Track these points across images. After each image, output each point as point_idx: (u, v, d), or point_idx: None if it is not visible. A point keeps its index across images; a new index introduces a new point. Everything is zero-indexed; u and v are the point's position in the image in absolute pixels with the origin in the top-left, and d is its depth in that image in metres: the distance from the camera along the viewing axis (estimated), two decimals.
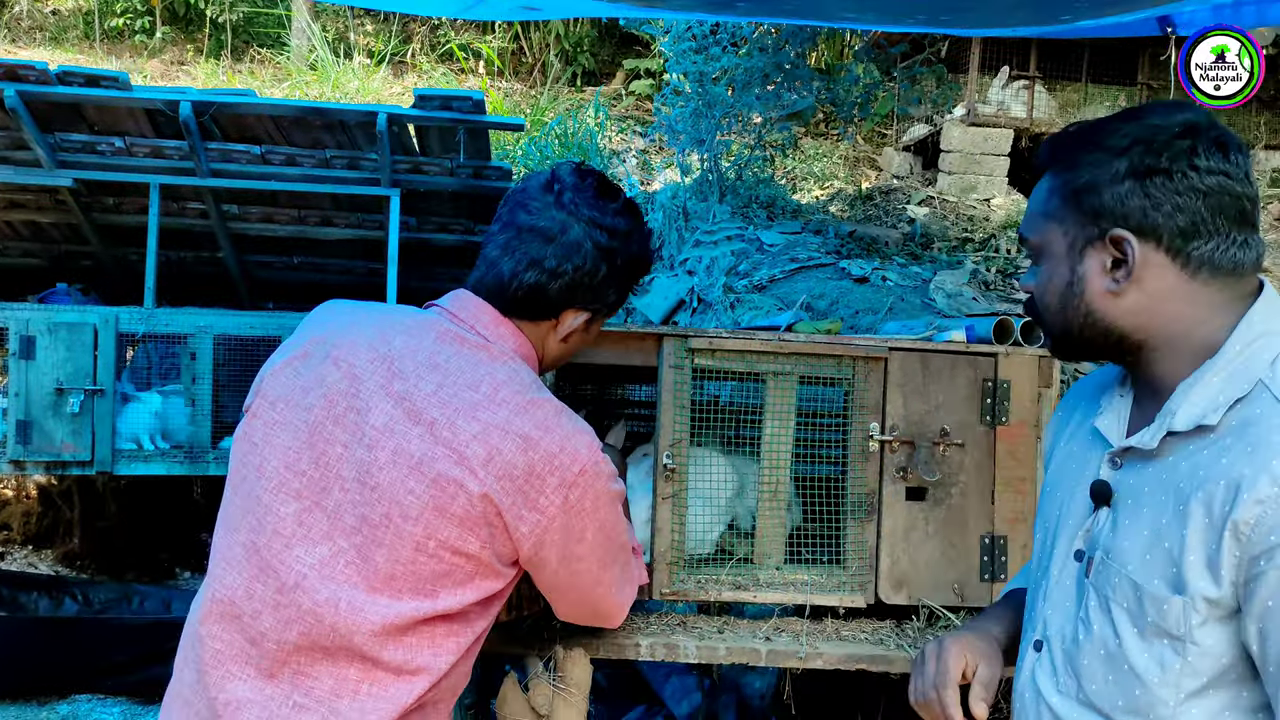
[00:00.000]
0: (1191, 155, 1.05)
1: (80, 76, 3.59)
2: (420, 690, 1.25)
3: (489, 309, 1.38)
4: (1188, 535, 1.02)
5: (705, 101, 4.59)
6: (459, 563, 1.25)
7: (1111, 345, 1.14)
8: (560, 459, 1.28)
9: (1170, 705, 1.03)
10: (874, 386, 1.97)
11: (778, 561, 1.97)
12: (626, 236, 1.42)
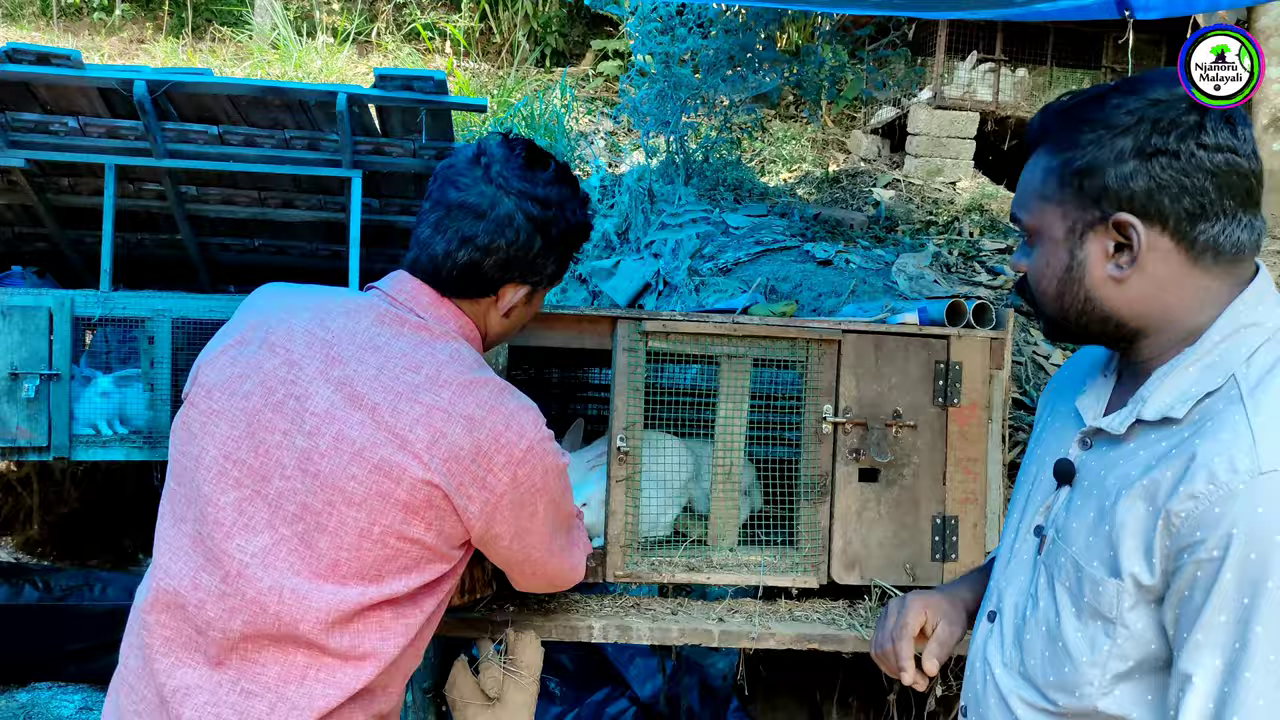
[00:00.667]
0: (1199, 132, 1.00)
1: (31, 54, 3.51)
2: (369, 675, 1.25)
3: (427, 289, 1.36)
4: (1129, 521, 1.01)
5: (670, 83, 4.57)
6: (405, 548, 1.25)
7: (1109, 332, 1.10)
8: (506, 437, 1.27)
9: (1095, 685, 1.03)
10: (827, 369, 1.98)
11: (731, 543, 1.98)
12: (560, 206, 1.39)
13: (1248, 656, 0.90)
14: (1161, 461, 1.01)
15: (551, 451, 1.35)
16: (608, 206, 5.22)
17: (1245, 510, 0.91)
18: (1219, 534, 0.92)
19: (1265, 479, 0.91)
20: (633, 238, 4.78)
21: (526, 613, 1.83)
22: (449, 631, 1.78)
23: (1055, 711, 1.08)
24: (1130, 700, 1.03)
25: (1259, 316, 1.02)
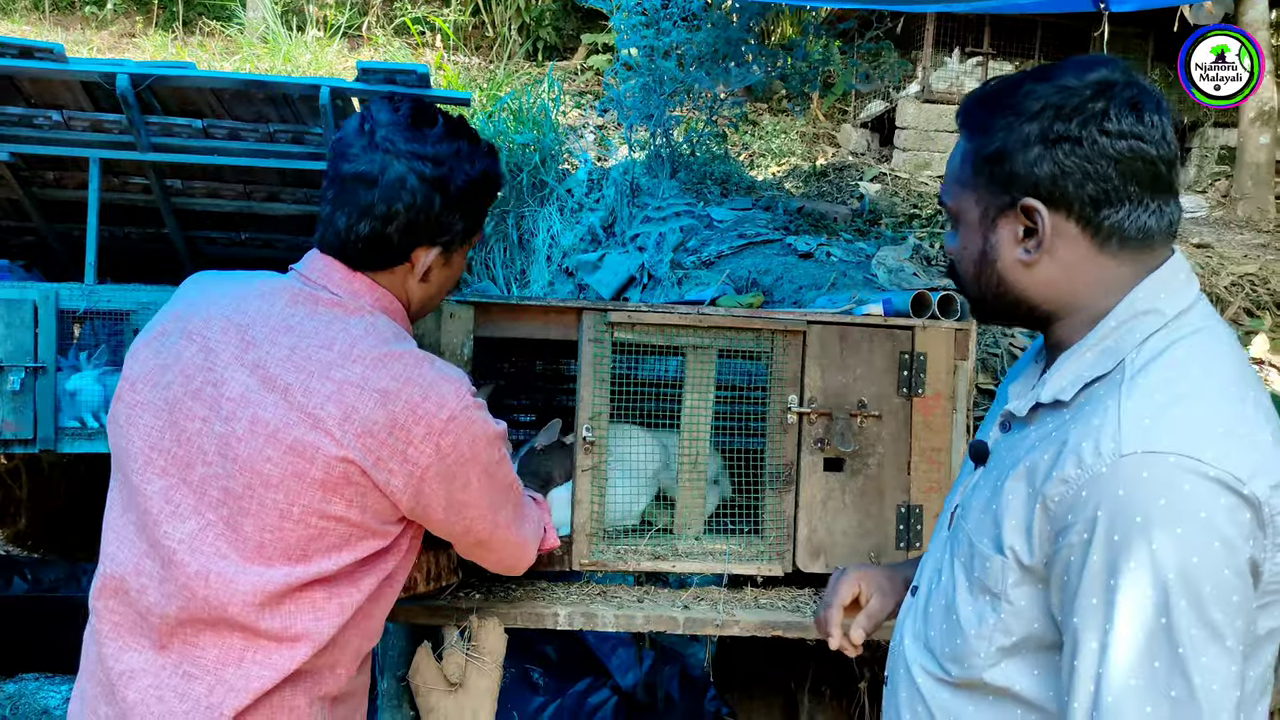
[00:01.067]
0: (1103, 119, 1.01)
1: (14, 48, 3.52)
2: (303, 655, 1.26)
3: (338, 265, 1.34)
4: (1011, 501, 1.04)
5: (655, 77, 4.58)
6: (329, 526, 1.25)
7: (1023, 314, 1.12)
8: (424, 407, 1.26)
9: (982, 658, 1.06)
10: (792, 359, 2.00)
11: (697, 532, 2.00)
12: (455, 161, 1.34)
13: (1116, 637, 0.92)
14: (1042, 444, 1.03)
15: (479, 419, 1.32)
16: (594, 200, 5.23)
17: (1108, 492, 0.93)
18: (1086, 516, 0.94)
19: (1126, 461, 0.93)
20: (619, 230, 4.79)
21: (492, 600, 1.85)
22: (415, 619, 1.81)
23: (949, 681, 1.11)
24: (1015, 673, 1.05)
25: (1158, 304, 1.03)
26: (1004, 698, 1.07)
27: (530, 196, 5.45)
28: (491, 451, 1.36)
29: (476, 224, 1.43)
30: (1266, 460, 0.94)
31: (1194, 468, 0.91)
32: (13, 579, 4.76)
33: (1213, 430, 0.94)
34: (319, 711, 1.30)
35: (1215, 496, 0.91)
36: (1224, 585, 0.91)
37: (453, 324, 1.77)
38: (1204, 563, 0.90)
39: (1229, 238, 5.47)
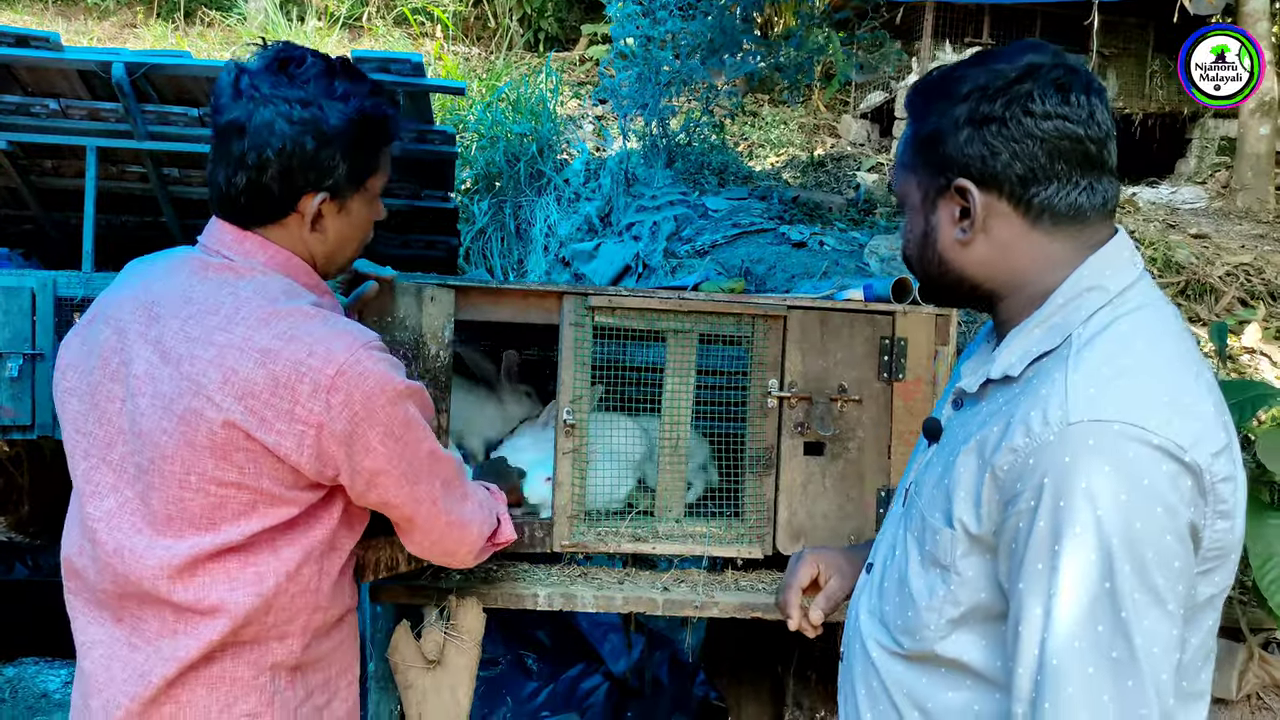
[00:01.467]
0: (1028, 100, 1.04)
1: (10, 36, 3.54)
2: (224, 626, 1.26)
3: (228, 228, 1.33)
4: (962, 474, 1.06)
5: (650, 66, 4.59)
6: (229, 494, 1.25)
7: (966, 293, 1.15)
8: (309, 364, 1.23)
9: (932, 629, 1.09)
10: (773, 344, 2.01)
11: (678, 515, 2.02)
12: (326, 100, 1.29)
13: (1060, 601, 0.94)
14: (993, 418, 1.06)
15: (374, 373, 1.26)
16: (591, 190, 5.24)
17: (1054, 460, 0.95)
18: (1033, 484, 0.97)
19: (1072, 429, 0.95)
20: (614, 220, 4.81)
21: (472, 581, 1.87)
22: (397, 599, 1.83)
23: (902, 654, 1.13)
24: (965, 645, 1.07)
25: (1104, 280, 1.05)
26: (955, 669, 1.09)
27: (528, 186, 5.47)
28: (394, 410, 1.29)
29: (367, 167, 1.36)
30: (1207, 429, 0.97)
31: (1138, 435, 0.93)
32: (14, 564, 4.80)
33: (1156, 400, 0.96)
34: (269, 682, 1.31)
35: (1158, 463, 0.93)
36: (1166, 550, 0.93)
37: (433, 307, 1.79)
38: (1146, 528, 0.92)
39: (1227, 228, 5.46)
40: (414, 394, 1.34)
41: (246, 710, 1.30)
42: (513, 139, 5.56)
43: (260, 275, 1.31)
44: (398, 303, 1.75)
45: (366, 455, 1.28)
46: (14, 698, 3.89)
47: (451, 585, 1.83)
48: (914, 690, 1.12)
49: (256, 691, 1.30)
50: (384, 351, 1.32)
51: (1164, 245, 4.14)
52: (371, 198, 1.41)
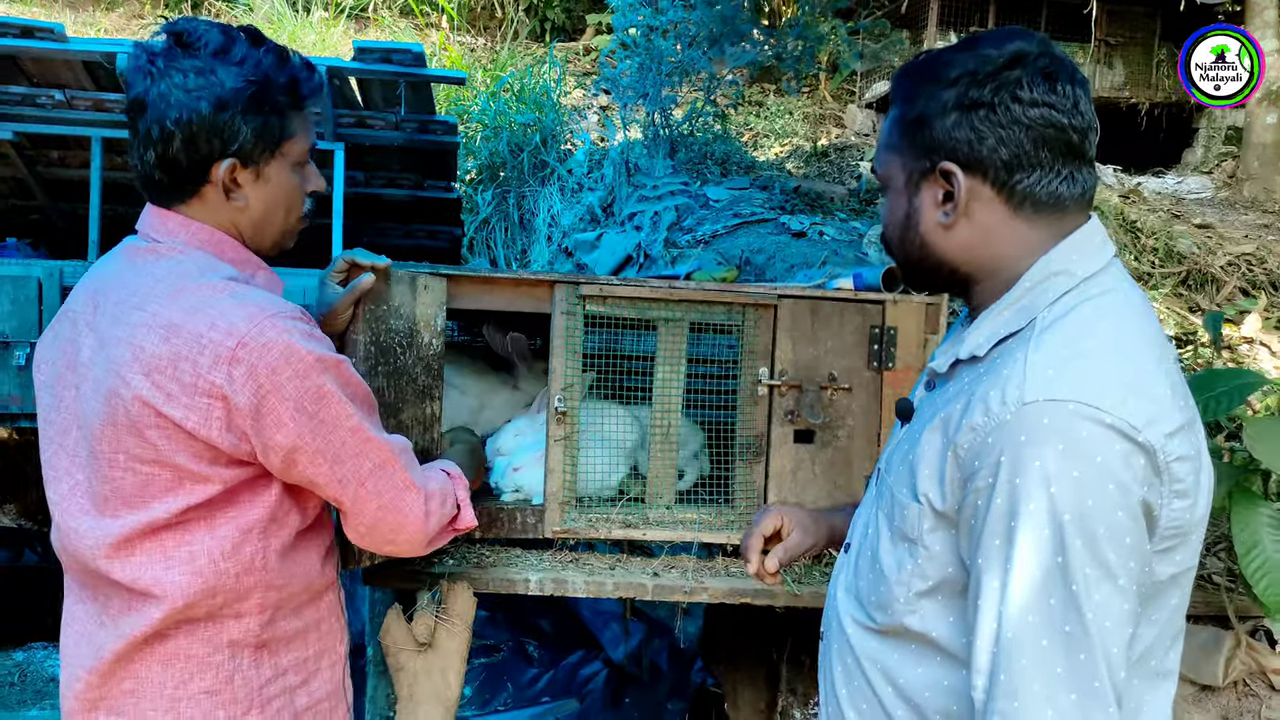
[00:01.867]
0: (1016, 87, 1.05)
1: (15, 28, 3.57)
2: (166, 607, 1.27)
3: (154, 210, 1.36)
4: (927, 451, 1.08)
5: (651, 56, 4.59)
6: (153, 471, 1.26)
7: (945, 277, 1.16)
8: (210, 336, 1.23)
9: (902, 603, 1.11)
10: (764, 333, 2.03)
11: (668, 501, 2.04)
12: (220, 64, 1.29)
13: (1015, 576, 0.96)
14: (957, 396, 1.08)
15: (279, 344, 1.25)
16: (594, 180, 5.25)
17: (1011, 439, 0.97)
18: (990, 462, 0.99)
19: (1028, 409, 0.97)
20: (616, 211, 4.82)
21: (465, 566, 1.90)
22: (388, 584, 1.85)
23: (875, 629, 1.16)
24: (933, 619, 1.09)
25: (1070, 266, 1.07)
26: (923, 644, 1.11)
27: (531, 177, 5.48)
28: (303, 383, 1.27)
29: (277, 131, 1.35)
30: (1163, 411, 0.98)
31: (1091, 415, 0.95)
32: (23, 551, 4.86)
33: (1111, 381, 0.98)
34: (226, 660, 1.32)
35: (1111, 442, 0.95)
36: (1117, 527, 0.95)
37: (426, 295, 1.80)
38: (1098, 505, 0.94)
39: (1233, 218, 5.44)
40: (329, 366, 1.31)
41: (203, 687, 1.31)
42: (517, 129, 5.57)
43: (179, 254, 1.33)
44: (392, 291, 1.77)
45: (277, 430, 1.27)
46: (22, 681, 3.95)
47: (444, 570, 1.86)
48: (886, 665, 1.14)
49: (213, 669, 1.31)
50: (299, 322, 1.30)
51: (1165, 235, 4.13)
52: (293, 164, 1.40)
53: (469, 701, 3.69)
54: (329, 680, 1.45)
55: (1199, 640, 2.10)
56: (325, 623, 1.45)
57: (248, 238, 1.40)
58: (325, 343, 1.34)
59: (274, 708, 1.37)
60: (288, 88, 1.36)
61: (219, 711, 1.32)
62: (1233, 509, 1.91)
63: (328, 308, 1.68)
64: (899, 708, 1.13)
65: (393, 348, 1.76)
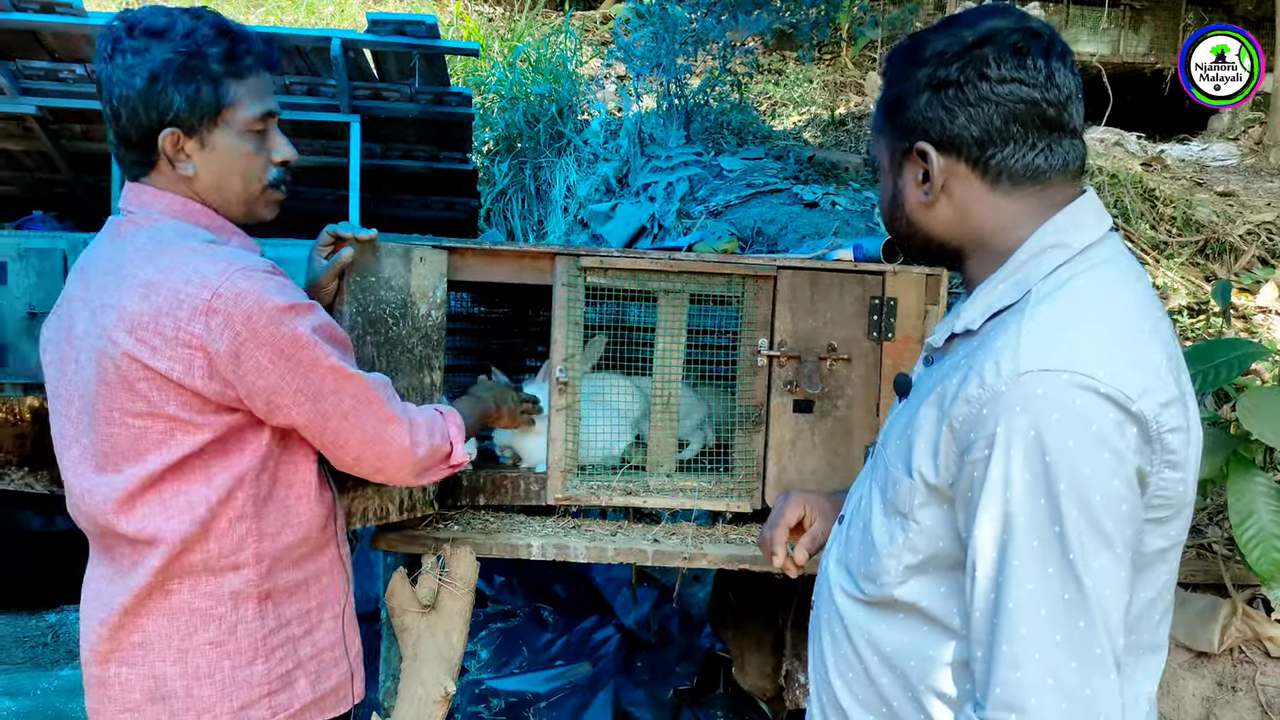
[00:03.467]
0: (983, 64, 1.06)
1: (36, 3, 3.62)
2: (164, 553, 1.35)
3: (130, 185, 1.45)
4: (923, 425, 1.09)
5: (666, 26, 4.57)
6: (146, 424, 1.34)
7: (935, 252, 1.18)
8: (187, 291, 1.31)
9: (892, 574, 1.13)
10: (763, 304, 2.05)
11: (669, 469, 2.08)
12: (152, 41, 1.36)
13: (1014, 545, 0.98)
14: (953, 370, 1.09)
15: (250, 292, 1.32)
16: (610, 151, 5.25)
17: (1006, 409, 0.98)
18: (986, 433, 1.00)
19: (1023, 379, 0.98)
20: (631, 181, 4.83)
21: (469, 531, 1.95)
22: (395, 548, 1.91)
23: (864, 599, 1.18)
24: (921, 591, 1.11)
25: (1066, 238, 1.08)
26: (912, 614, 1.13)
27: (548, 147, 5.49)
28: (278, 329, 1.34)
29: (213, 98, 1.39)
30: (1157, 380, 1.00)
31: (1086, 384, 0.96)
32: (55, 517, 5.00)
33: (1106, 351, 0.99)
34: (229, 611, 1.39)
35: (1105, 411, 0.96)
36: (1113, 495, 0.96)
37: (423, 267, 1.84)
38: (1094, 473, 0.95)
39: (1257, 185, 5.35)
40: (301, 311, 1.37)
41: (208, 639, 1.39)
42: (533, 100, 5.57)
43: (155, 224, 1.40)
44: (383, 263, 1.80)
45: (259, 375, 1.34)
46: (55, 642, 4.08)
47: (448, 535, 1.91)
48: (874, 635, 1.17)
49: (216, 621, 1.39)
50: (268, 274, 1.36)
51: (1184, 204, 4.08)
52: (240, 131, 1.43)
53: (485, 664, 3.78)
54: (331, 631, 1.52)
55: (1196, 607, 2.12)
56: (326, 575, 1.52)
57: (217, 206, 1.46)
58: (297, 292, 1.40)
59: (277, 657, 1.44)
60: (222, 56, 1.40)
61: (225, 661, 1.39)
62: (1229, 479, 1.92)
63: (313, 280, 1.74)
64: (884, 675, 1.15)
65: (383, 318, 1.80)
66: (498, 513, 2.08)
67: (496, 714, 3.43)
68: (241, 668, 1.40)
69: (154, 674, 1.38)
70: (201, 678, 1.39)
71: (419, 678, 1.77)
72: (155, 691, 1.38)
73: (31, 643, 4.00)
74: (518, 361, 2.83)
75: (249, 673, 1.41)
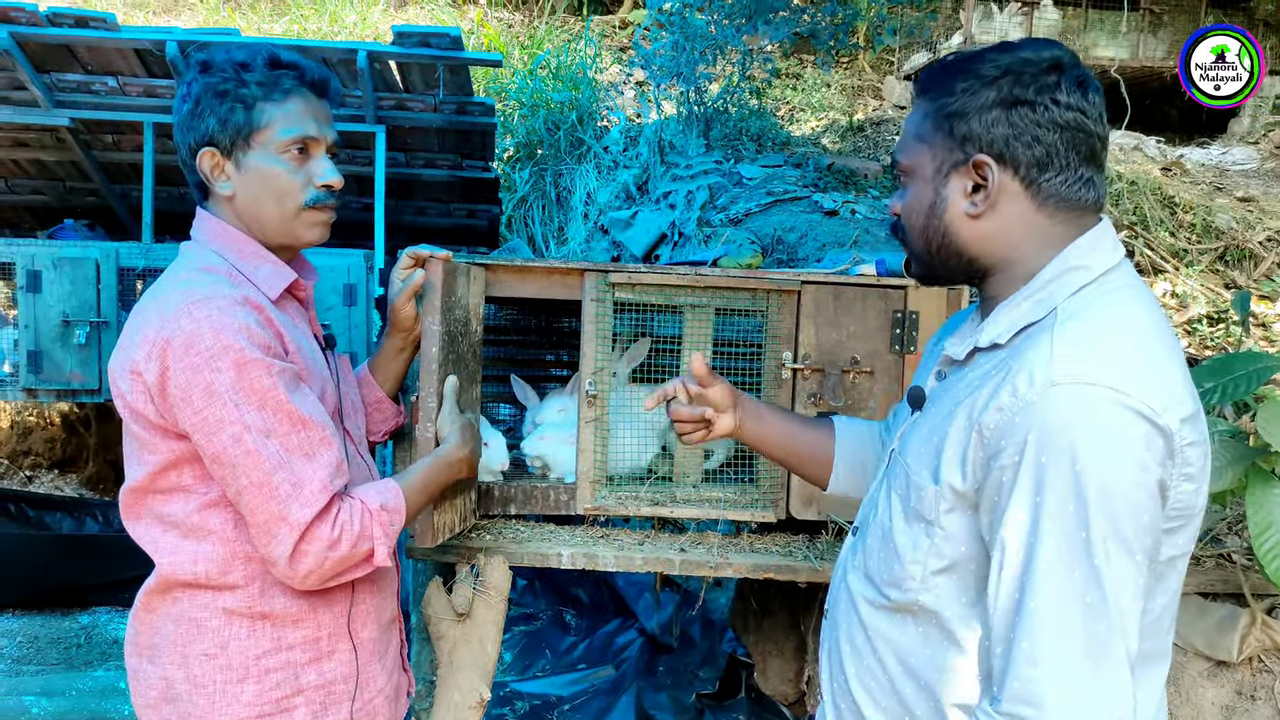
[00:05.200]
0: (1055, 90, 1.12)
1: (69, 18, 3.70)
2: (163, 563, 1.40)
3: (198, 209, 1.52)
4: (952, 433, 1.13)
5: (685, 34, 4.61)
6: (129, 440, 1.42)
7: (962, 267, 1.21)
8: (145, 318, 1.36)
9: (917, 580, 1.17)
10: (787, 318, 2.09)
11: (695, 480, 2.12)
12: (199, 76, 1.46)
13: (1040, 548, 1.02)
14: (980, 381, 1.14)
15: (184, 335, 1.31)
16: (630, 158, 5.30)
17: (1038, 419, 1.02)
18: (1017, 441, 1.04)
19: (1055, 390, 1.02)
20: (651, 188, 4.87)
21: (501, 540, 2.00)
22: (433, 557, 1.96)
23: (888, 606, 1.21)
24: (947, 597, 1.15)
25: (1088, 261, 1.14)
26: (936, 624, 1.16)
27: (568, 155, 5.54)
28: (195, 375, 1.31)
29: (245, 122, 1.44)
30: (1179, 397, 1.05)
31: (1117, 399, 1.01)
32: (85, 520, 5.08)
33: (1134, 367, 1.04)
34: (222, 626, 1.40)
35: (1134, 424, 1.01)
36: (1137, 505, 1.01)
37: (474, 285, 1.89)
38: (1121, 483, 1.00)
39: (1278, 190, 5.34)
40: (235, 365, 1.32)
41: (203, 650, 1.41)
42: (553, 107, 5.62)
43: (191, 248, 1.48)
44: (457, 282, 1.80)
45: (176, 410, 1.33)
46: (88, 643, 4.16)
47: (481, 545, 1.96)
48: (897, 643, 1.20)
49: (210, 633, 1.41)
50: (233, 313, 1.34)
51: (1204, 210, 4.09)
52: (275, 153, 1.45)
53: (509, 667, 3.83)
54: (346, 664, 1.48)
55: (1215, 616, 2.15)
56: (339, 605, 1.47)
57: (254, 229, 1.49)
58: (255, 339, 1.34)
59: (272, 680, 1.41)
60: (259, 81, 1.45)
61: (217, 675, 1.40)
62: (1248, 490, 1.94)
63: (391, 302, 1.73)
64: (907, 684, 1.19)
65: (456, 336, 1.80)
66: (527, 522, 2.13)
67: (521, 716, 3.49)
68: (232, 684, 1.40)
69: (165, 675, 1.42)
70: (198, 687, 1.41)
71: (455, 684, 1.82)
72: (167, 692, 1.42)
73: (66, 644, 4.08)
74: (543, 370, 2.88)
75: (239, 690, 1.40)
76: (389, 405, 1.79)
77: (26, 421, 6.07)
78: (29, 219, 5.06)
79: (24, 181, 4.81)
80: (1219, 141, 6.38)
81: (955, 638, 1.15)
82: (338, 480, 1.38)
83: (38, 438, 5.99)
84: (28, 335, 3.76)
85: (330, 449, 1.38)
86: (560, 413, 2.20)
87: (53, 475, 5.93)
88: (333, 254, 3.64)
